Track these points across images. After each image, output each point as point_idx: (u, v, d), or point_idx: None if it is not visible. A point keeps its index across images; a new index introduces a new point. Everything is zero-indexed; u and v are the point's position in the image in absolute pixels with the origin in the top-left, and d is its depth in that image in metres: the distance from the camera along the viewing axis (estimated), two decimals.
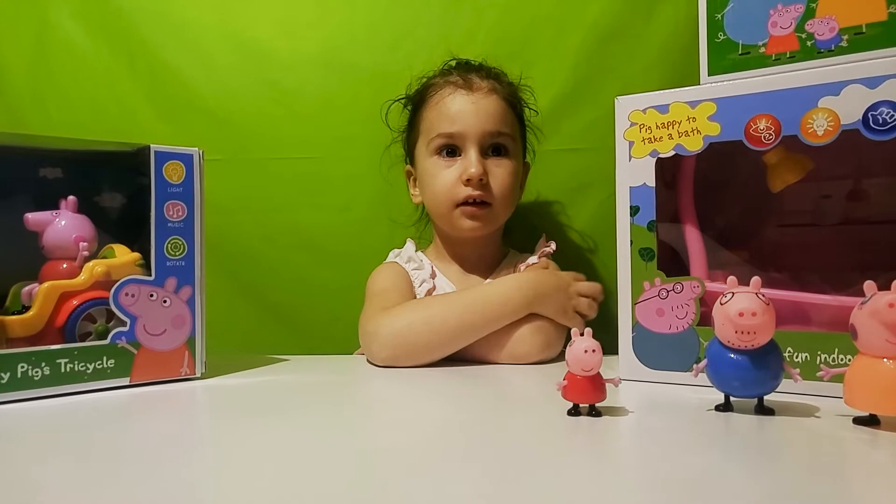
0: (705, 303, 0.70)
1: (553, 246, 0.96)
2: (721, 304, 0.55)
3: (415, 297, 0.93)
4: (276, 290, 1.14)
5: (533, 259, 0.95)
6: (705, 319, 0.70)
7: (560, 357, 0.84)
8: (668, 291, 0.70)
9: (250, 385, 0.72)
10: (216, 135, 1.13)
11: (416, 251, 1.01)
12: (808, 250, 0.85)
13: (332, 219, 1.13)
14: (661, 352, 0.70)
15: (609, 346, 0.81)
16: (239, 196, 1.13)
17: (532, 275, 0.86)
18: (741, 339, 0.54)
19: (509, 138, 0.92)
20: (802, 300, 0.66)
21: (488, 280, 0.94)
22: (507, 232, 1.00)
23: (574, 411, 0.56)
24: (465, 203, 0.90)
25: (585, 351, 0.54)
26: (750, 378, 0.54)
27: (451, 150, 0.91)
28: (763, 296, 0.54)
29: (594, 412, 0.56)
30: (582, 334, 0.55)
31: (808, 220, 0.85)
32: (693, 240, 0.74)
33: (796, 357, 0.63)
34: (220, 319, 1.13)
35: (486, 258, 0.98)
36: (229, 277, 1.13)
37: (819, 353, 0.63)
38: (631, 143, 0.72)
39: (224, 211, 1.12)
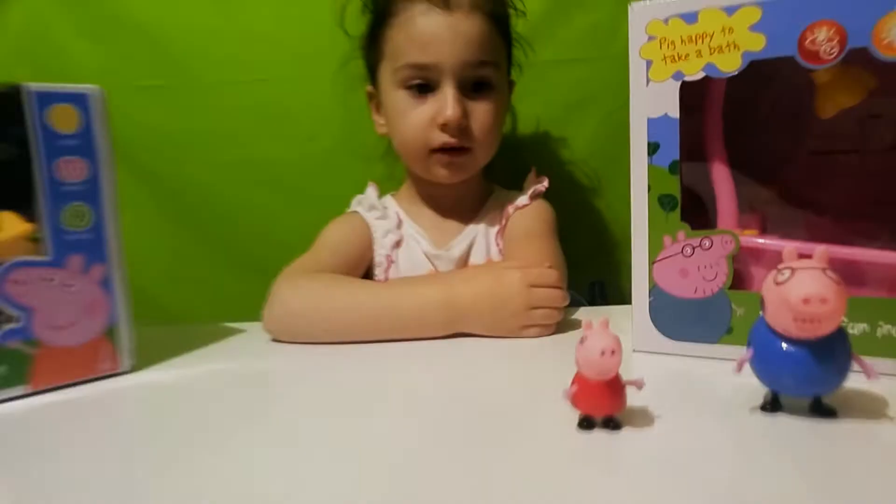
0: (738, 260, 0.57)
1: (546, 183, 0.82)
2: (776, 284, 0.42)
3: (370, 254, 0.80)
4: (237, 235, 1.01)
5: (523, 199, 0.81)
6: (739, 281, 0.57)
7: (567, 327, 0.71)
8: (693, 248, 0.57)
9: (193, 379, 0.60)
10: (153, 56, 0.97)
11: (381, 196, 0.87)
12: (851, 184, 0.72)
13: (295, 151, 0.98)
14: (684, 320, 0.58)
15: (618, 318, 0.69)
16: (187, 128, 0.98)
17: (467, 288, 0.67)
18: (802, 328, 0.41)
19: (493, 68, 0.76)
20: (856, 257, 0.54)
21: (455, 245, 0.81)
22: (490, 164, 0.86)
23: (586, 424, 0.44)
24: (440, 150, 0.75)
25: (602, 353, 0.42)
26: (808, 375, 0.43)
27: (424, 84, 0.75)
28: (832, 274, 0.41)
29: (612, 424, 0.44)
30: (598, 324, 0.43)
31: (850, 146, 0.72)
32: (722, 182, 0.60)
33: (851, 329, 0.52)
34: (173, 268, 1.00)
35: (466, 200, 0.84)
36: (182, 222, 1.00)
37: (881, 323, 0.51)
38: (649, 63, 0.57)
39: (170, 146, 0.98)
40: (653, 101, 0.57)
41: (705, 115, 0.61)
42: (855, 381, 0.44)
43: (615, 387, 0.44)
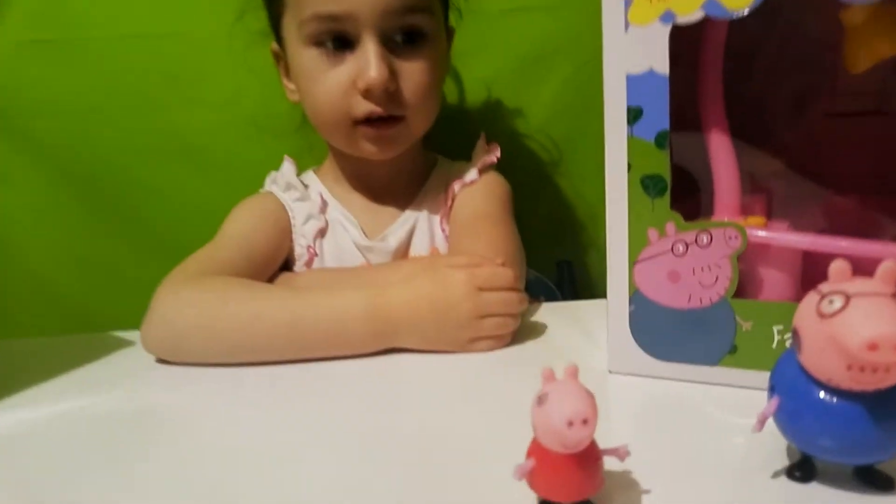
0: (743, 258, 0.44)
1: (497, 153, 0.68)
2: (822, 317, 0.29)
3: (288, 244, 0.66)
4: (149, 212, 0.85)
5: (471, 174, 0.67)
6: (743, 284, 0.45)
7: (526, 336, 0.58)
8: (687, 245, 0.44)
9: (36, 424, 0.46)
10: (38, 4, 0.79)
11: (301, 174, 0.72)
12: (875, 153, 0.59)
13: (213, 117, 0.82)
14: (673, 335, 0.46)
15: (591, 319, 0.57)
16: (84, 90, 0.81)
17: (400, 292, 0.53)
18: (860, 380, 0.29)
19: (426, 14, 0.61)
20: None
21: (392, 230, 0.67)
22: (433, 133, 0.71)
23: None
24: (365, 121, 0.61)
25: (570, 423, 0.28)
26: (859, 438, 0.30)
27: (338, 39, 0.60)
28: None
29: None
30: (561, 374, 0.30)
31: (873, 105, 0.59)
32: (722, 158, 0.47)
33: None
34: (64, 252, 0.85)
35: (403, 177, 0.69)
36: (84, 200, 0.84)
37: None
38: (628, 1, 0.43)
39: (67, 112, 0.81)
40: (633, 51, 0.43)
41: (701, 70, 0.47)
42: None
43: (589, 460, 0.31)
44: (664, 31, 0.42)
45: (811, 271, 0.46)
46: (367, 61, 0.58)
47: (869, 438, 0.30)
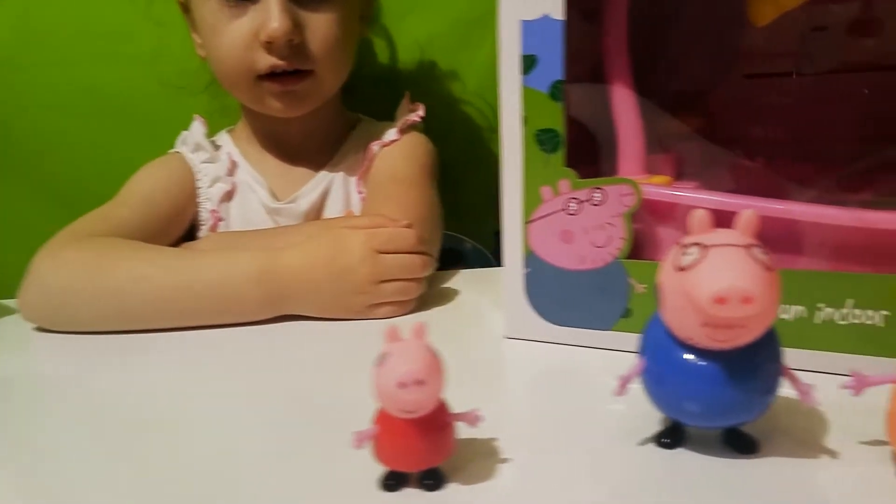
0: (641, 218, 0.42)
1: (421, 111, 0.65)
2: (678, 269, 0.27)
3: (193, 208, 0.63)
4: (71, 175, 0.81)
5: (391, 134, 0.64)
6: (642, 247, 0.43)
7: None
8: (580, 202, 0.42)
9: None
10: None
11: (214, 135, 0.68)
12: (790, 116, 0.58)
13: (137, 73, 0.77)
14: (568, 299, 0.44)
15: (489, 286, 0.55)
16: None
17: (294, 255, 0.51)
18: (714, 337, 0.27)
19: None
20: (795, 215, 0.39)
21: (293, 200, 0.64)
22: (352, 89, 0.68)
23: (392, 483, 0.29)
24: (269, 76, 0.57)
25: (401, 384, 0.26)
26: (721, 399, 0.29)
27: None
28: (762, 255, 0.26)
29: (431, 481, 0.29)
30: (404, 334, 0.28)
31: (789, 68, 0.57)
32: (625, 113, 0.45)
33: (784, 313, 0.38)
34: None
35: (318, 137, 0.66)
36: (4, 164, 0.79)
37: (820, 305, 0.37)
38: None
39: None
40: None
41: (605, 17, 0.45)
42: (787, 393, 0.30)
43: (435, 426, 0.28)
44: None
45: None
46: (269, 12, 0.54)
47: (731, 399, 0.28)
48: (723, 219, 0.30)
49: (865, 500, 0.27)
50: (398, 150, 0.63)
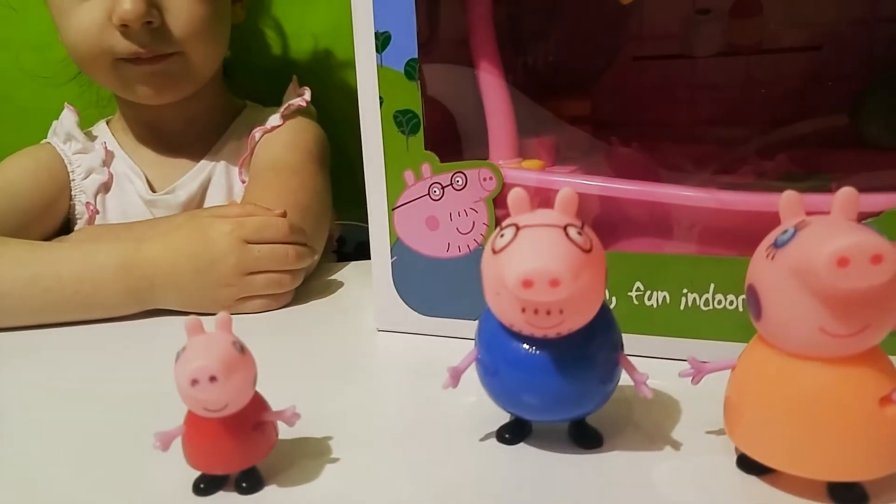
0: (503, 204, 0.40)
1: (307, 95, 0.62)
2: (494, 252, 0.25)
3: (66, 201, 0.59)
4: None
5: (274, 119, 0.61)
6: None
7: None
8: (443, 187, 0.40)
9: None
10: None
11: (90, 126, 0.64)
12: (674, 98, 0.57)
13: (25, 61, 0.71)
14: (436, 288, 0.42)
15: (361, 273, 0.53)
16: None
17: (157, 246, 0.48)
18: (535, 323, 0.25)
19: None
20: (661, 198, 0.38)
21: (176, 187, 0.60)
22: (232, 72, 0.64)
23: (203, 487, 0.27)
24: (131, 60, 0.53)
25: (194, 382, 0.24)
26: (556, 391, 0.27)
27: None
28: (581, 230, 0.25)
29: (247, 484, 0.27)
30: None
31: (676, 51, 0.56)
32: (494, 96, 0.43)
33: (648, 298, 0.37)
34: None
35: (198, 125, 0.62)
36: None
37: (686, 291, 0.36)
38: None
39: None
40: None
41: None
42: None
43: (247, 425, 0.26)
44: None
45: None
46: None
47: (567, 390, 0.27)
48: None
49: (704, 491, 0.26)
50: (280, 136, 0.60)
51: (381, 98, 0.40)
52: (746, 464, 0.26)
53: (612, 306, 0.37)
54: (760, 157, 0.50)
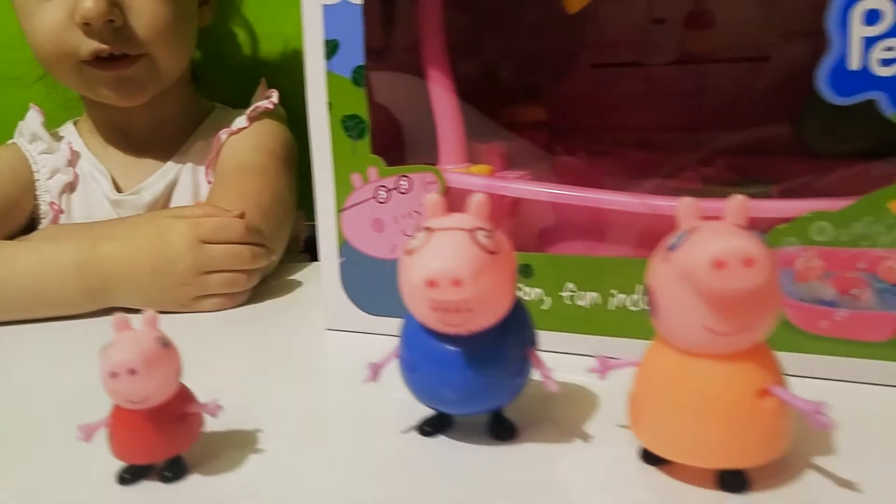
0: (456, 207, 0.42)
1: (275, 97, 0.63)
2: (407, 254, 0.27)
3: (32, 201, 0.60)
4: None
5: (241, 121, 0.62)
6: None
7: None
8: (388, 191, 0.41)
9: None
10: None
11: (58, 127, 0.65)
12: (629, 105, 0.58)
13: None
14: (383, 289, 0.43)
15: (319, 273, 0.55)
16: None
17: (115, 245, 0.49)
18: (445, 320, 0.27)
19: None
20: (596, 203, 0.39)
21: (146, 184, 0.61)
22: (201, 74, 0.65)
23: (129, 477, 0.28)
24: (96, 61, 0.55)
25: (113, 374, 0.25)
26: (470, 384, 0.28)
27: None
28: (490, 234, 0.26)
29: (171, 472, 0.28)
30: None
31: (632, 59, 0.58)
32: (442, 102, 0.44)
33: (580, 299, 0.38)
34: None
35: (167, 127, 0.63)
36: None
37: (615, 292, 0.38)
38: None
39: None
40: None
41: (421, 6, 0.44)
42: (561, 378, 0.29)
43: (170, 417, 0.27)
44: None
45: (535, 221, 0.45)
46: None
47: (480, 384, 0.28)
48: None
49: (606, 481, 0.27)
50: (245, 138, 0.61)
51: (329, 103, 0.41)
52: (648, 456, 0.28)
53: (545, 306, 0.39)
54: (708, 164, 0.51)
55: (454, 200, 0.29)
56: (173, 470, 0.28)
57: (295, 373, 0.40)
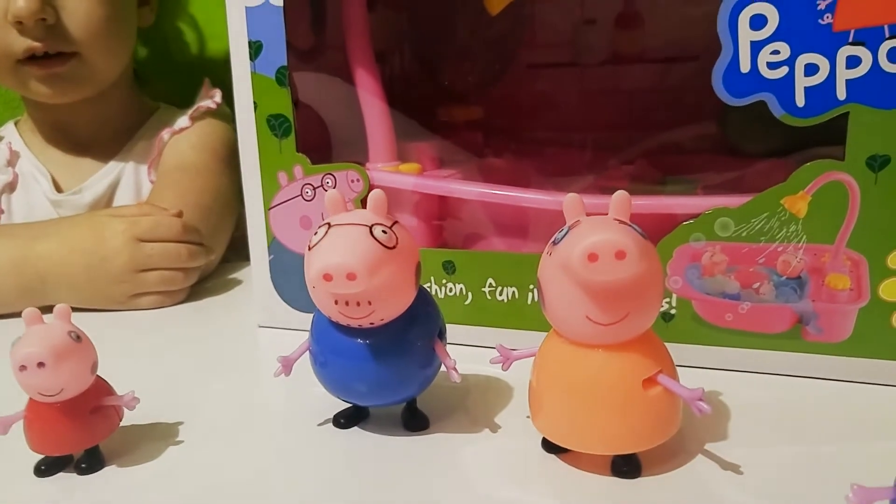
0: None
1: (218, 97, 0.63)
2: (309, 249, 0.27)
3: None
4: None
5: (182, 121, 0.62)
6: None
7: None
8: (314, 188, 0.42)
9: None
10: None
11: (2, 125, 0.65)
12: (563, 104, 0.60)
13: None
14: None
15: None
16: None
17: (51, 244, 0.49)
18: (347, 313, 0.27)
19: None
20: (517, 201, 0.41)
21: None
22: (144, 74, 0.65)
23: (44, 468, 0.29)
24: (30, 59, 0.54)
25: (21, 367, 0.26)
26: (378, 376, 0.29)
27: None
28: (389, 227, 0.27)
29: (85, 464, 0.28)
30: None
31: (566, 59, 0.59)
32: (370, 101, 0.45)
33: (500, 294, 0.39)
34: None
35: (108, 127, 0.63)
36: None
37: (532, 287, 0.39)
38: None
39: None
40: None
41: (345, 7, 0.45)
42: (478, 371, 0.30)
43: (85, 409, 0.28)
44: None
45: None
46: None
47: (387, 376, 0.29)
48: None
49: (509, 469, 0.28)
50: (188, 137, 0.61)
51: (255, 103, 0.42)
52: (548, 444, 0.29)
53: (468, 301, 0.40)
54: (636, 162, 0.53)
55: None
56: (89, 461, 0.29)
57: (221, 368, 0.41)
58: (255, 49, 0.41)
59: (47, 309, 0.48)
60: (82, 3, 0.54)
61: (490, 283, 0.39)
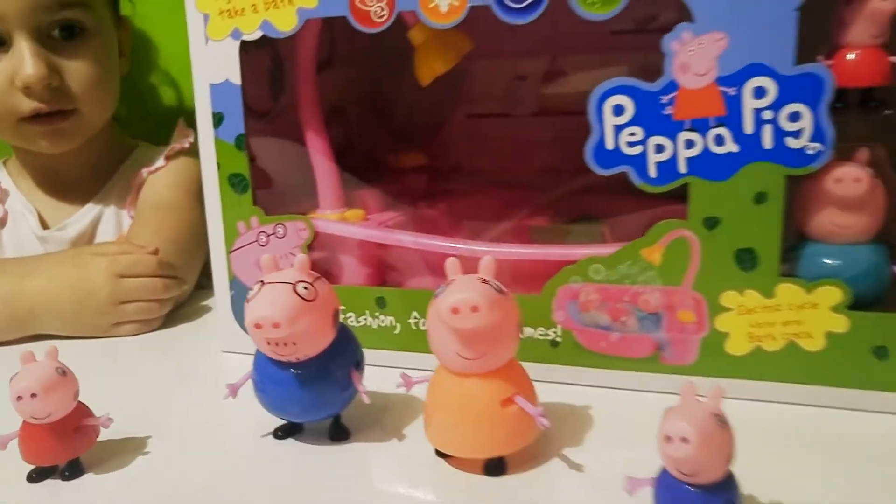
0: (328, 247, 0.51)
1: (191, 137, 0.70)
2: (247, 302, 0.35)
3: None
4: None
5: (159, 161, 0.69)
6: (329, 273, 0.51)
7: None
8: (268, 236, 0.50)
9: None
10: None
11: None
12: (499, 150, 0.68)
13: None
14: None
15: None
16: None
17: (40, 279, 0.56)
18: (277, 352, 0.35)
19: (82, 9, 0.62)
20: (426, 247, 0.48)
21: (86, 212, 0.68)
22: (121, 116, 0.73)
23: (35, 476, 0.36)
24: (34, 118, 0.62)
25: (17, 398, 0.33)
26: (305, 399, 0.37)
27: None
28: (311, 283, 0.35)
29: (69, 472, 0.36)
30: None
31: (501, 110, 0.67)
32: (319, 158, 0.53)
33: (423, 325, 0.47)
34: None
35: (90, 168, 0.70)
36: None
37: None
38: (206, 18, 0.47)
39: None
40: (213, 63, 0.48)
41: (296, 77, 0.52)
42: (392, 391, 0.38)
43: (69, 428, 0.35)
44: (234, 46, 0.47)
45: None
46: (23, 59, 0.59)
47: (312, 398, 0.37)
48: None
49: (409, 472, 0.36)
50: (162, 177, 0.68)
51: (218, 164, 0.49)
52: (439, 451, 0.37)
53: (396, 331, 0.48)
54: (555, 204, 0.61)
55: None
56: (71, 470, 0.36)
57: (188, 388, 0.48)
58: (218, 119, 0.49)
59: (37, 337, 0.56)
60: (81, 65, 0.61)
61: (415, 316, 0.47)
